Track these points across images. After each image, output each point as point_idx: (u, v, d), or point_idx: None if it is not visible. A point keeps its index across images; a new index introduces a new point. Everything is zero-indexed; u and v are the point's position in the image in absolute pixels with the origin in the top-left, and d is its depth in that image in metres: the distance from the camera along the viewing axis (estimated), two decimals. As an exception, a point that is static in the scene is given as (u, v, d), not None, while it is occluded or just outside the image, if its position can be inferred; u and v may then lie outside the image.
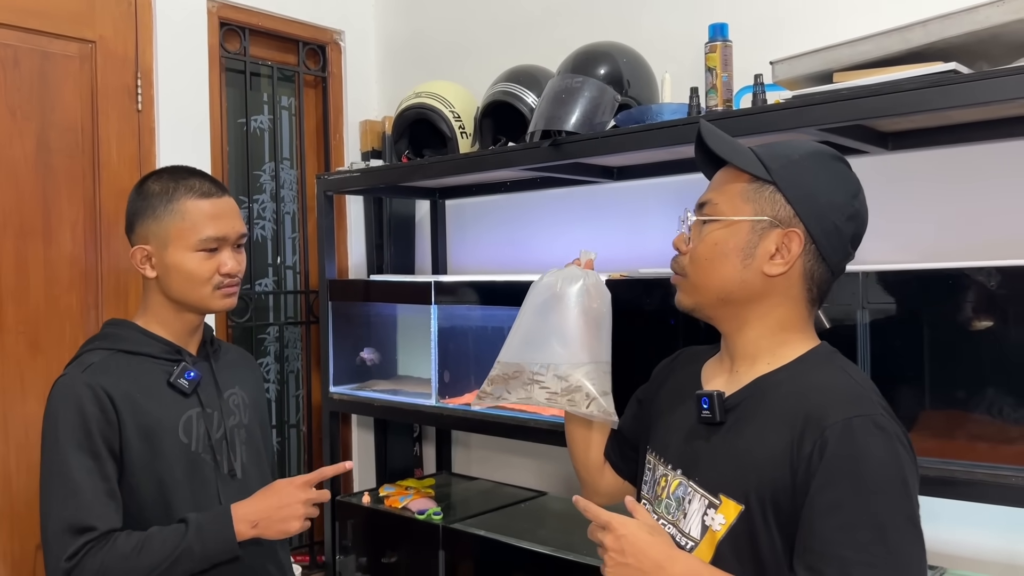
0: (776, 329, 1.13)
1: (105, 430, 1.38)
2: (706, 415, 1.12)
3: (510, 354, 1.37)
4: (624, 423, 1.40)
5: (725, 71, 1.72)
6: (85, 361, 1.44)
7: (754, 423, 1.09)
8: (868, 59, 1.52)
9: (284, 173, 2.88)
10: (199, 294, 1.48)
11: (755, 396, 1.11)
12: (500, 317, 2.22)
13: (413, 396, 2.32)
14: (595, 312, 1.35)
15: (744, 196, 1.12)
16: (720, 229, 1.13)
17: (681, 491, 1.14)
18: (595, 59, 2.01)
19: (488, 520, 2.25)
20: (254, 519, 1.39)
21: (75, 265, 2.31)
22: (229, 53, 2.67)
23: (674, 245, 1.20)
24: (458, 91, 2.36)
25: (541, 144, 1.92)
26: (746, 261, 1.11)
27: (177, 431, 1.46)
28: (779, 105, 1.58)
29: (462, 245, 2.77)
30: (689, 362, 1.30)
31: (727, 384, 1.16)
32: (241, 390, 1.59)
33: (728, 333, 1.18)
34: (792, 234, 1.10)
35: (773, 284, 1.11)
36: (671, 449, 1.19)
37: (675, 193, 2.21)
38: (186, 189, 1.47)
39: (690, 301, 1.17)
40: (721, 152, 1.14)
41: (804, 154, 1.13)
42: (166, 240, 1.46)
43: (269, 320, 2.85)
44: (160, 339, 1.50)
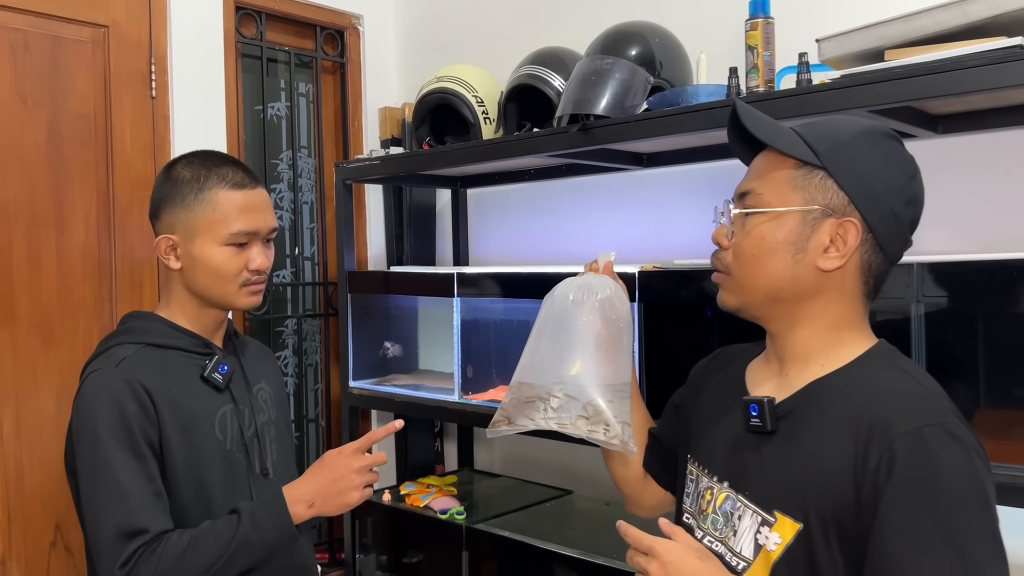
0: (830, 327, 1.04)
1: (146, 427, 1.31)
2: (755, 423, 1.03)
3: (523, 377, 1.26)
4: (662, 430, 1.31)
5: (767, 50, 1.62)
6: (115, 355, 1.36)
7: (810, 432, 0.99)
8: (924, 35, 1.42)
9: (302, 162, 2.81)
10: (224, 290, 1.40)
11: (810, 402, 1.02)
12: (525, 310, 2.13)
13: (435, 392, 2.25)
14: (613, 328, 1.22)
15: (791, 183, 1.02)
16: (766, 221, 1.03)
17: (729, 506, 1.05)
18: (626, 40, 1.91)
19: (512, 520, 2.17)
20: (309, 498, 1.32)
21: (88, 256, 2.25)
22: (245, 38, 2.60)
23: (714, 239, 1.10)
24: (481, 75, 2.27)
25: (569, 129, 1.83)
26: (797, 256, 1.02)
27: (214, 428, 1.39)
28: (827, 85, 1.48)
29: (484, 236, 2.69)
30: (729, 363, 1.20)
31: (777, 389, 1.06)
32: (268, 385, 1.53)
33: (777, 333, 1.08)
34: (847, 224, 1.00)
35: (827, 279, 1.02)
36: (716, 460, 1.10)
37: (709, 181, 2.12)
38: (218, 178, 1.39)
39: (735, 301, 1.08)
40: (761, 135, 1.04)
41: (855, 133, 1.03)
42: (194, 231, 1.39)
43: (287, 312, 2.78)
44: (188, 332, 1.43)
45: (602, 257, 1.31)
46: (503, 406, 1.24)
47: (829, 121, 1.08)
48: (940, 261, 1.42)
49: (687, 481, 1.16)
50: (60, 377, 2.19)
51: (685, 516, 1.14)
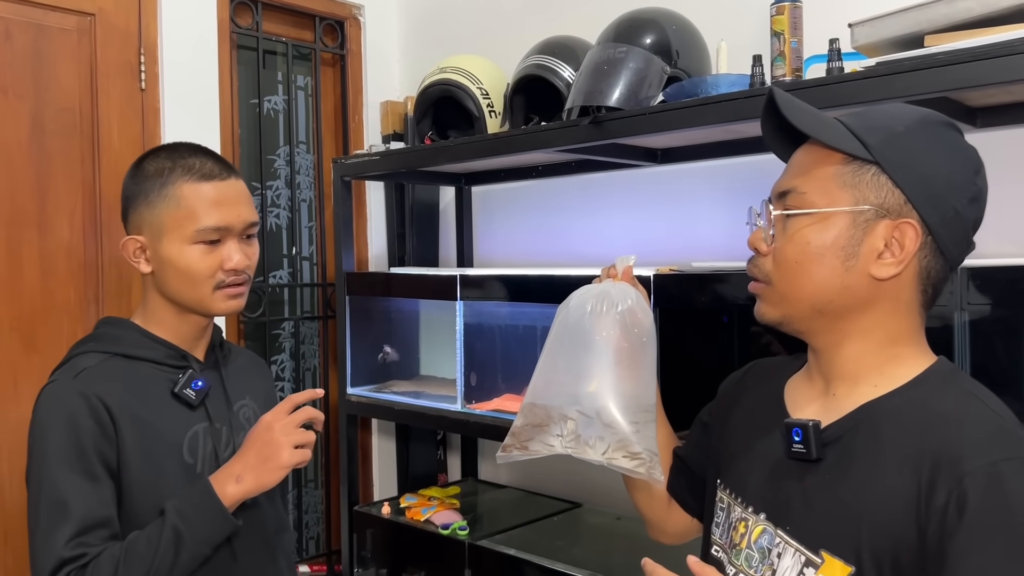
0: (884, 343, 0.92)
1: (102, 446, 1.20)
2: (798, 450, 0.91)
3: (536, 397, 1.13)
4: (688, 451, 1.19)
5: (794, 36, 1.50)
6: (77, 365, 1.25)
7: (863, 462, 0.88)
8: (969, 18, 1.30)
9: (300, 158, 2.69)
10: (197, 294, 1.28)
11: (862, 428, 0.90)
12: (532, 315, 2.02)
13: (437, 400, 2.13)
14: (636, 342, 1.10)
15: (839, 181, 0.91)
16: (811, 224, 0.91)
17: (767, 541, 0.93)
18: (640, 27, 1.80)
19: (518, 536, 2.06)
20: (236, 472, 1.20)
21: (73, 256, 2.14)
22: (240, 29, 2.49)
23: (751, 244, 0.98)
24: (486, 66, 2.16)
25: (580, 122, 1.71)
26: (848, 262, 0.90)
27: (181, 449, 1.27)
28: (861, 73, 1.36)
29: (489, 235, 2.57)
30: (764, 378, 1.08)
31: (823, 411, 0.95)
32: (252, 401, 1.41)
33: (822, 349, 0.96)
34: (905, 226, 0.89)
35: (881, 289, 0.90)
36: (751, 488, 0.98)
37: (727, 178, 2.00)
38: (184, 170, 1.27)
39: (777, 313, 0.96)
40: (804, 126, 0.92)
41: (911, 123, 0.92)
42: (160, 230, 1.27)
43: (284, 315, 2.67)
44: (163, 342, 1.31)
45: (620, 262, 1.18)
46: (514, 430, 1.12)
47: (879, 110, 0.96)
48: (986, 265, 1.30)
49: (716, 509, 1.04)
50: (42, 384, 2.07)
51: (714, 548, 1.02)
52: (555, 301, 1.90)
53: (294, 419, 1.21)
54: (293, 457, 1.20)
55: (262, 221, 2.58)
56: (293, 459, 1.20)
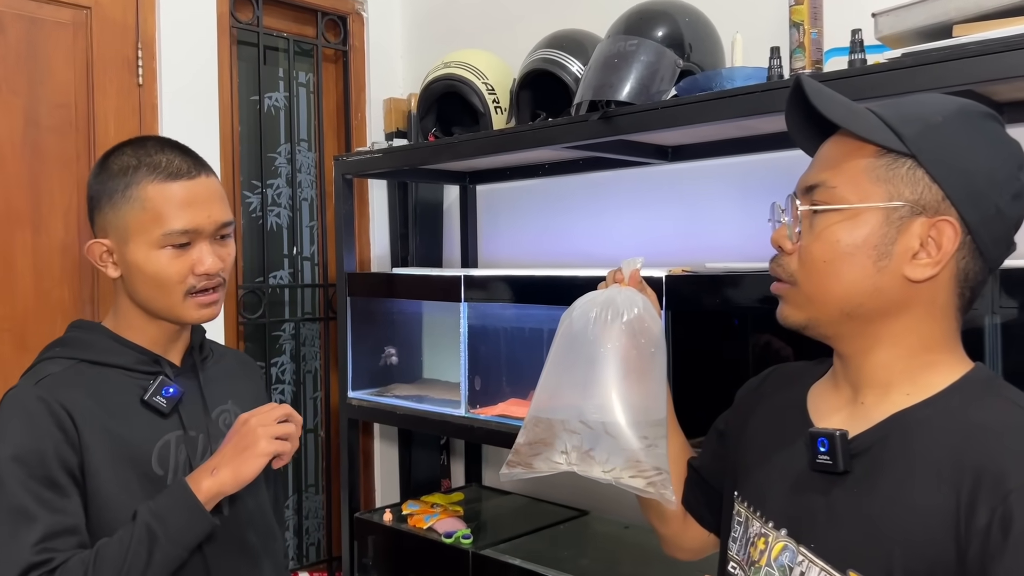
0: (917, 349, 0.86)
1: (65, 454, 1.12)
2: (823, 461, 0.85)
3: (539, 412, 1.06)
4: (704, 462, 1.12)
5: (814, 27, 1.43)
6: (40, 371, 1.18)
7: (894, 476, 0.81)
8: (1000, 6, 1.24)
9: (301, 156, 2.64)
10: (168, 301, 1.20)
11: (893, 439, 0.83)
12: (538, 317, 1.96)
13: (440, 404, 2.07)
14: (645, 353, 1.02)
15: (872, 175, 0.84)
16: (841, 221, 0.85)
17: (788, 559, 0.87)
18: (652, 19, 1.74)
19: (523, 545, 1.99)
20: (212, 465, 1.14)
21: (68, 255, 2.08)
22: (241, 23, 2.43)
23: (774, 242, 0.92)
24: (492, 61, 2.10)
25: (589, 117, 1.65)
26: (880, 262, 0.84)
27: (150, 460, 1.19)
28: (885, 65, 1.30)
29: (494, 235, 2.51)
30: (785, 384, 1.02)
31: (850, 420, 0.88)
32: (235, 406, 1.32)
33: (850, 355, 0.90)
34: (943, 224, 0.82)
35: (915, 291, 0.84)
36: (771, 502, 0.92)
37: (741, 176, 1.94)
38: (149, 169, 1.19)
39: (801, 316, 0.89)
40: (834, 116, 0.85)
41: (949, 114, 0.85)
42: (126, 234, 1.19)
43: (284, 316, 2.61)
44: (134, 347, 1.24)
45: (627, 265, 1.10)
46: (518, 446, 1.05)
47: (915, 100, 0.90)
48: (1019, 267, 1.23)
49: (733, 523, 0.98)
50: None
51: (731, 565, 0.96)
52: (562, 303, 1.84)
53: (272, 413, 1.17)
54: (271, 445, 1.14)
55: (262, 220, 2.52)
56: (271, 447, 1.14)
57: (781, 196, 0.97)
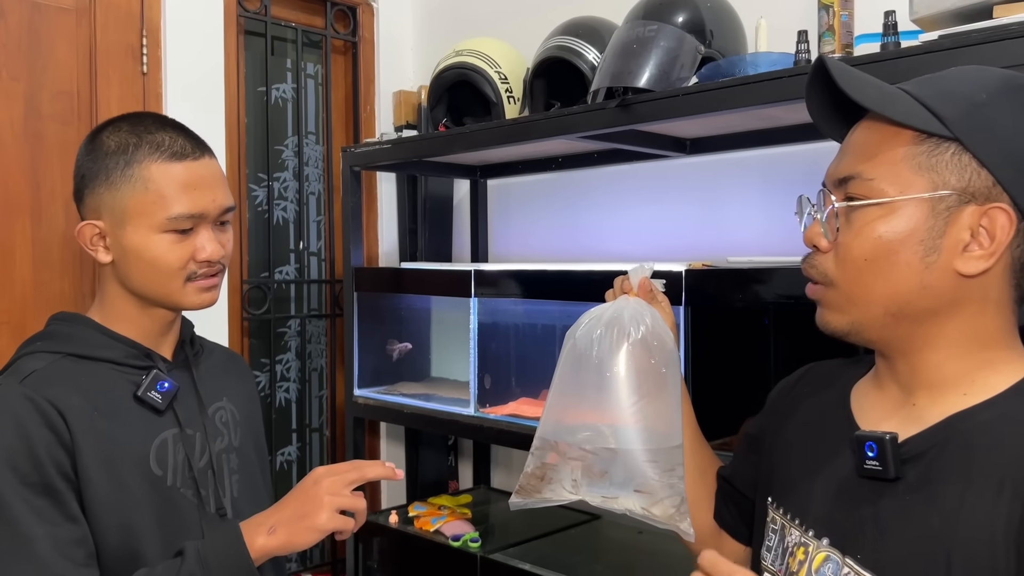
0: (973, 347, 0.79)
1: (58, 456, 1.04)
2: (872, 467, 0.78)
3: (547, 437, 0.99)
4: (736, 470, 1.05)
5: (844, 9, 1.37)
6: (24, 368, 1.09)
7: (953, 484, 0.75)
8: (1044, -15, 1.17)
9: (309, 149, 2.58)
10: (166, 288, 1.13)
11: (951, 443, 0.77)
12: (550, 313, 1.90)
13: (448, 403, 2.01)
14: (655, 373, 0.95)
15: (913, 163, 0.77)
16: (883, 216, 0.78)
17: (831, 570, 0.80)
18: (671, 4, 1.67)
19: (533, 549, 1.93)
20: (271, 523, 1.04)
21: (68, 246, 2.03)
22: (248, 13, 2.38)
23: (808, 240, 0.84)
24: (505, 49, 2.04)
25: (607, 105, 1.59)
26: (928, 258, 0.77)
27: (148, 460, 1.12)
28: (921, 47, 1.23)
29: (505, 230, 2.45)
30: (822, 385, 0.95)
31: (901, 423, 0.81)
32: (230, 403, 1.25)
33: (898, 357, 0.83)
34: (995, 211, 0.75)
35: (968, 286, 0.77)
36: (812, 510, 0.85)
37: (762, 169, 1.87)
38: (151, 148, 1.11)
39: (844, 321, 0.82)
40: (866, 100, 0.78)
41: (993, 90, 0.77)
42: (124, 216, 1.11)
43: (290, 312, 2.56)
44: (124, 340, 1.15)
45: (634, 273, 1.02)
46: (526, 473, 0.98)
47: (952, 75, 0.82)
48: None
49: (767, 531, 0.91)
50: None
51: (765, 575, 0.89)
52: (576, 299, 1.79)
53: (347, 476, 1.06)
54: (332, 522, 1.04)
55: (268, 214, 2.47)
56: (332, 524, 1.04)
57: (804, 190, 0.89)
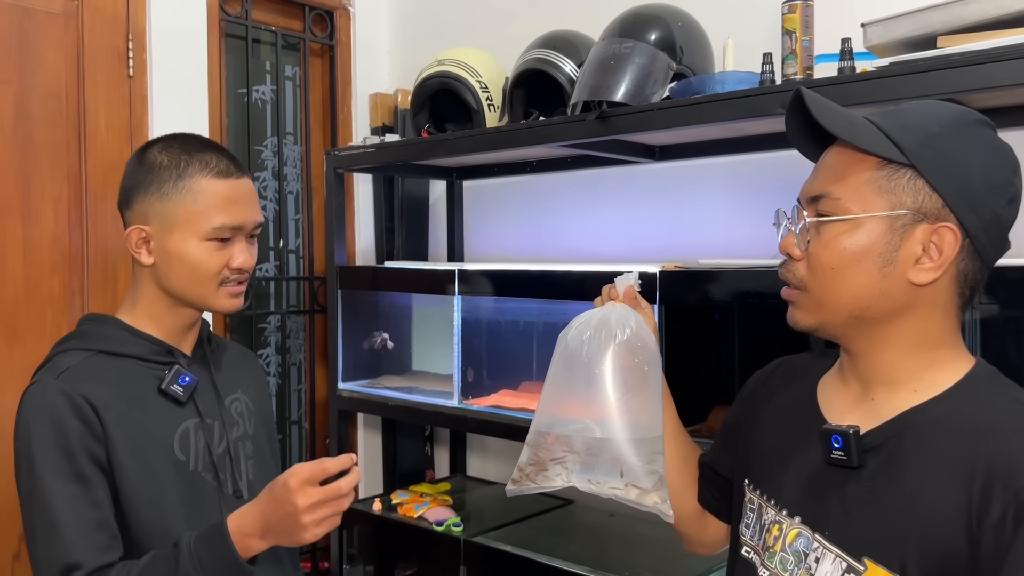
0: (922, 347, 0.92)
1: (91, 446, 1.16)
2: (838, 456, 0.91)
3: (541, 429, 1.10)
4: (716, 456, 1.17)
5: (806, 34, 1.50)
6: (59, 365, 1.21)
7: (908, 471, 0.87)
8: (983, 20, 1.32)
9: (287, 149, 2.65)
10: (202, 290, 1.26)
11: (905, 436, 0.89)
12: (531, 310, 2.01)
13: (432, 396, 2.11)
14: (638, 372, 1.07)
15: (874, 186, 0.89)
16: (848, 230, 0.90)
17: (802, 544, 0.93)
18: (645, 23, 1.79)
19: (512, 533, 2.04)
20: (260, 531, 1.14)
21: (58, 246, 2.08)
22: (229, 16, 2.44)
23: (783, 250, 0.97)
24: (485, 59, 2.14)
25: (586, 117, 1.70)
26: (885, 268, 0.89)
27: (172, 447, 1.24)
28: (874, 73, 1.37)
29: (480, 230, 2.55)
30: (793, 378, 1.08)
31: (862, 417, 0.94)
32: (244, 395, 1.38)
33: (859, 353, 0.96)
34: (943, 230, 0.88)
35: (919, 294, 0.90)
36: (786, 492, 0.97)
37: (726, 176, 2.00)
38: (201, 165, 1.25)
39: (812, 320, 0.95)
40: (836, 129, 0.90)
41: (946, 124, 0.90)
42: (171, 223, 1.24)
43: (270, 308, 2.63)
44: (149, 338, 1.28)
45: (620, 282, 1.13)
46: (521, 464, 1.10)
47: (912, 109, 0.95)
48: (997, 265, 1.31)
49: (745, 510, 1.04)
50: (25, 377, 1.95)
51: (744, 550, 1.02)
52: (554, 297, 1.91)
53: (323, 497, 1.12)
54: (316, 537, 1.15)
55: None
56: (316, 538, 1.15)
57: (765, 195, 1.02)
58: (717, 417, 1.70)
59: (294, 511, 1.10)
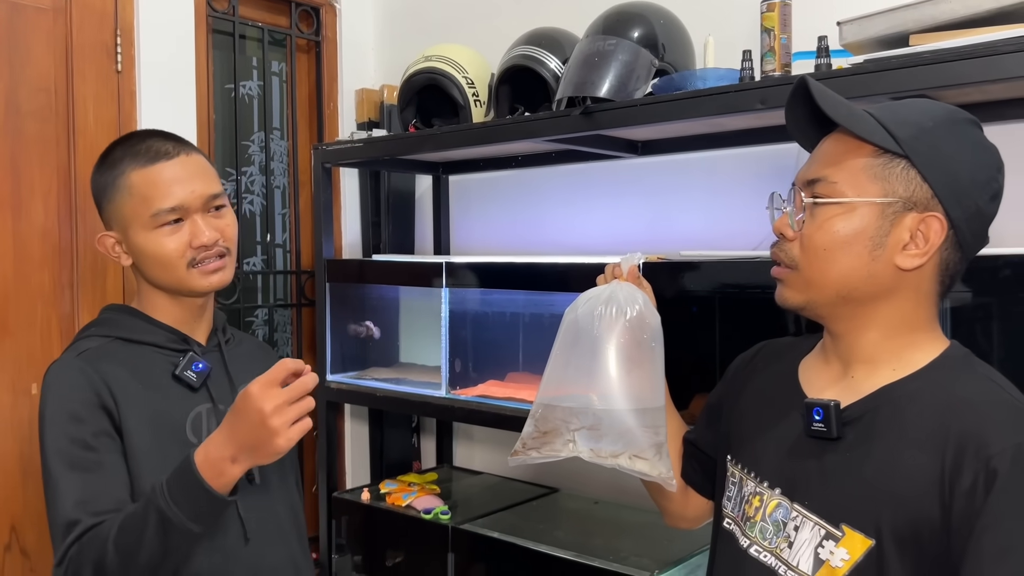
0: (902, 329, 0.97)
1: (99, 417, 1.21)
2: (818, 428, 0.96)
3: (547, 401, 1.13)
4: (699, 434, 1.22)
5: (784, 32, 1.55)
6: (80, 347, 1.28)
7: (884, 442, 0.92)
8: (953, 19, 1.37)
9: (274, 144, 2.67)
10: (175, 276, 1.29)
11: (882, 410, 0.95)
12: (517, 302, 2.05)
13: (420, 387, 2.15)
14: (646, 347, 1.11)
15: (869, 173, 0.94)
16: (841, 213, 0.95)
17: (781, 514, 0.98)
18: (628, 20, 1.83)
19: (499, 520, 2.08)
20: (231, 453, 1.09)
21: (48, 240, 2.10)
22: (217, 12, 2.46)
23: (776, 230, 1.02)
24: (471, 55, 2.17)
25: (571, 112, 1.74)
26: (875, 252, 0.94)
27: (184, 429, 1.28)
28: (849, 70, 1.42)
29: (466, 224, 2.59)
30: (775, 359, 1.13)
31: (842, 393, 0.99)
32: None
33: (842, 333, 1.01)
34: (931, 219, 0.93)
35: (904, 278, 0.95)
36: (765, 465, 1.02)
37: (706, 170, 2.05)
38: (131, 158, 1.28)
39: (800, 298, 1.00)
40: (838, 117, 0.95)
41: (939, 120, 0.96)
42: (125, 223, 1.29)
43: (257, 302, 2.65)
44: (164, 327, 1.33)
45: (626, 261, 1.19)
46: (525, 434, 1.13)
47: (907, 105, 1.00)
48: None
49: (728, 484, 1.09)
50: (15, 369, 2.04)
51: (726, 521, 1.07)
52: (541, 289, 1.95)
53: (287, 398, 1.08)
54: (291, 442, 1.11)
55: (236, 208, 2.56)
56: (291, 443, 1.12)
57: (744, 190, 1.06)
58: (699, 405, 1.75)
59: (261, 417, 1.07)
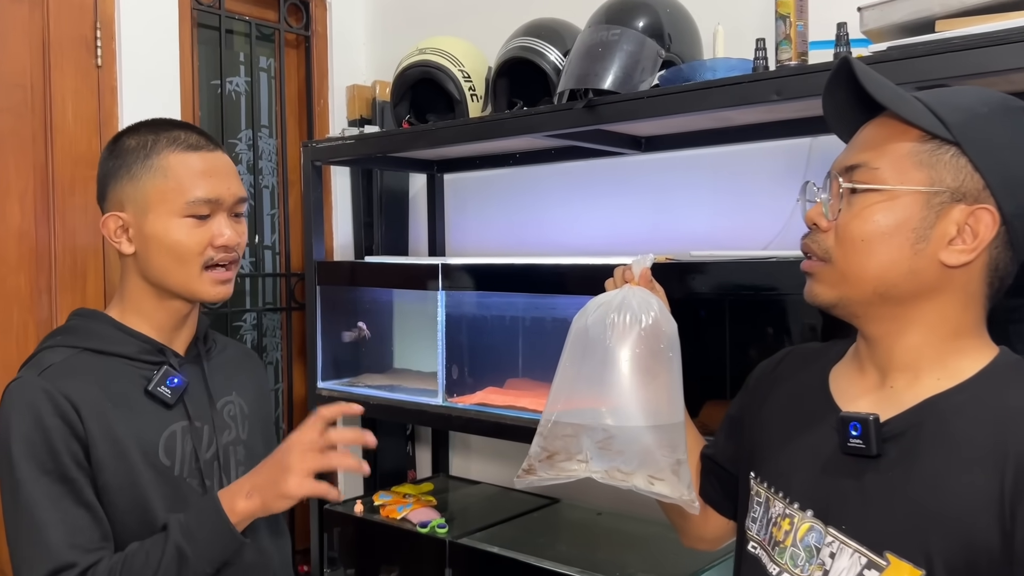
0: (947, 334, 0.88)
1: (71, 446, 1.11)
2: (856, 444, 0.86)
3: (556, 418, 1.03)
4: (719, 449, 1.13)
5: (800, 19, 1.46)
6: (43, 361, 1.16)
7: (931, 461, 0.83)
8: (981, 4, 1.29)
9: (263, 142, 2.58)
10: (185, 273, 1.19)
11: (928, 424, 0.85)
12: (517, 305, 1.96)
13: (415, 394, 2.05)
14: (663, 357, 1.01)
15: (915, 159, 0.86)
16: (881, 202, 0.86)
17: (814, 539, 0.89)
18: (632, 9, 1.74)
19: (499, 533, 1.99)
20: (247, 488, 1.10)
21: (24, 242, 2.01)
22: (202, 6, 2.37)
23: (809, 220, 0.93)
24: (467, 48, 2.09)
25: (573, 105, 1.66)
26: (917, 245, 0.85)
27: (157, 451, 1.17)
28: (872, 58, 1.33)
29: (462, 224, 2.50)
30: (802, 367, 1.04)
31: (880, 404, 0.90)
32: (239, 397, 1.31)
33: (878, 337, 0.91)
34: (981, 212, 0.84)
35: (949, 276, 0.86)
36: (796, 483, 0.93)
37: (712, 168, 1.97)
38: (169, 140, 1.19)
39: (833, 294, 0.91)
40: (883, 98, 0.87)
41: (994, 107, 0.87)
42: (145, 205, 1.18)
43: (246, 306, 2.56)
44: (139, 336, 1.21)
45: (637, 263, 1.08)
46: (532, 454, 1.03)
47: (957, 91, 0.92)
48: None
49: (752, 504, 1.00)
50: None
51: (751, 545, 0.98)
52: (541, 291, 1.87)
53: (320, 440, 1.08)
54: (302, 488, 1.08)
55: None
56: (302, 489, 1.08)
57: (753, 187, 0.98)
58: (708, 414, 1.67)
59: (286, 455, 1.09)
